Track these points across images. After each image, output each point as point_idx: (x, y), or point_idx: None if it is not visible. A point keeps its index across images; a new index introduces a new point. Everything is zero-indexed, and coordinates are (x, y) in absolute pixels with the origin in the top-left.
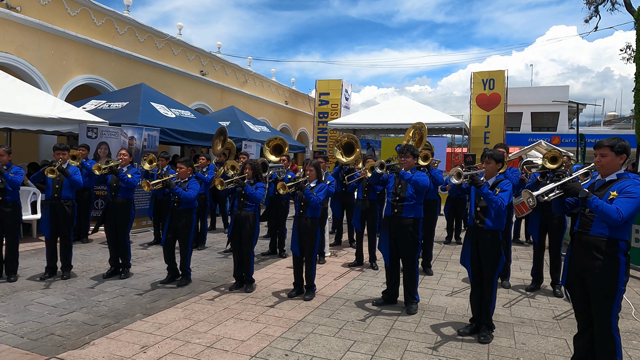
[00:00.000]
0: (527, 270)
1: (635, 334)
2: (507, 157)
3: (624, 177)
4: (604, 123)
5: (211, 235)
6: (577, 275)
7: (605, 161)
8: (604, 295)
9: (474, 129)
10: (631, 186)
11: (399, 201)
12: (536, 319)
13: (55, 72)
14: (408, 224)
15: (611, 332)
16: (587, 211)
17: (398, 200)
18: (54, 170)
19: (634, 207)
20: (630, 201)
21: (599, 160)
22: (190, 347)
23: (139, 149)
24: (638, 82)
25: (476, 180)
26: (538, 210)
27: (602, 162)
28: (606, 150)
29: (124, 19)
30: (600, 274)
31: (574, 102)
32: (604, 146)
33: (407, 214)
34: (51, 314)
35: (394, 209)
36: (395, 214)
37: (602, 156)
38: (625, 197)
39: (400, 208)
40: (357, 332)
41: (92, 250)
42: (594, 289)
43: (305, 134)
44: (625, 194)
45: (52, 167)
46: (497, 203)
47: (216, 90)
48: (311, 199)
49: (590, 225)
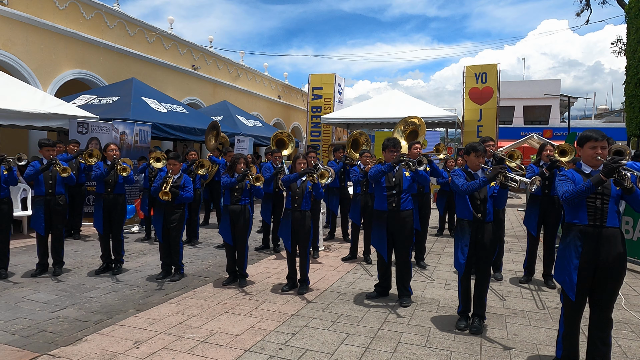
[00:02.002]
0: (519, 262)
1: (625, 323)
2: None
3: None
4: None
5: (204, 230)
6: (592, 271)
7: (605, 153)
8: (617, 284)
9: (466, 123)
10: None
11: (396, 195)
12: (528, 310)
13: (44, 67)
14: (406, 216)
15: (611, 316)
16: (599, 203)
17: (395, 194)
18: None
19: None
20: None
21: (601, 152)
22: (184, 342)
23: (130, 144)
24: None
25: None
26: (536, 202)
27: (603, 154)
28: (605, 143)
29: (114, 13)
30: (620, 264)
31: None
32: (605, 139)
33: (405, 207)
34: (43, 311)
35: (391, 203)
36: (393, 207)
37: (603, 149)
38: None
39: (398, 202)
40: (351, 325)
41: (84, 247)
42: (612, 280)
43: (299, 129)
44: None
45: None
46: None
47: (208, 85)
48: (320, 191)
49: (606, 218)
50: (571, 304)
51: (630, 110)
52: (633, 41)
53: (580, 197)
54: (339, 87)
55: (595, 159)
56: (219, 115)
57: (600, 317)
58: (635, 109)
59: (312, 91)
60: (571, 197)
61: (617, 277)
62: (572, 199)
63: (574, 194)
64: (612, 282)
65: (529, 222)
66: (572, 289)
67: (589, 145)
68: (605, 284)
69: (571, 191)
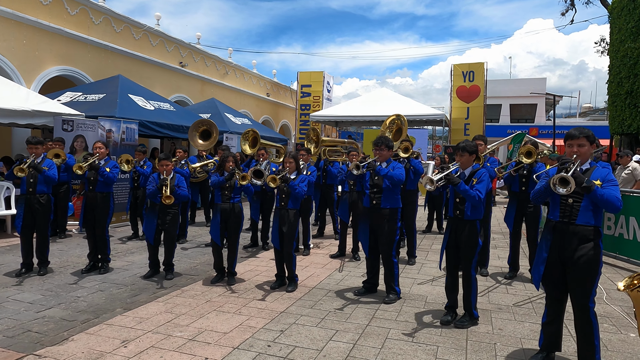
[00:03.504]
0: (504, 258)
1: (607, 317)
2: (484, 150)
3: (596, 166)
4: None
5: (192, 228)
6: (560, 265)
7: (583, 151)
8: (588, 281)
9: (454, 121)
10: (610, 174)
11: (376, 192)
12: (513, 305)
13: (27, 63)
14: (386, 214)
15: (590, 316)
16: (570, 201)
17: (376, 192)
18: (23, 169)
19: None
20: (617, 188)
21: (578, 151)
22: (172, 341)
23: (117, 141)
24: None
25: (452, 180)
26: (514, 199)
27: (580, 152)
28: (584, 141)
29: (99, 9)
30: (587, 261)
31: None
32: (582, 137)
33: (385, 205)
34: (28, 311)
35: (372, 201)
36: (374, 205)
37: (580, 146)
38: (613, 185)
39: (379, 199)
40: (339, 321)
41: (70, 246)
42: (579, 276)
43: (288, 127)
44: (610, 182)
45: (20, 167)
46: (474, 198)
47: (196, 82)
48: (296, 190)
49: (577, 215)
50: (550, 296)
51: (612, 109)
52: (616, 41)
53: (540, 195)
54: (327, 85)
55: (571, 156)
56: (207, 113)
57: (575, 313)
58: (618, 107)
59: (301, 89)
60: (534, 196)
61: (583, 273)
62: (536, 197)
63: (535, 192)
64: (579, 279)
65: (508, 219)
66: (537, 280)
67: (567, 143)
68: (573, 280)
69: (534, 190)
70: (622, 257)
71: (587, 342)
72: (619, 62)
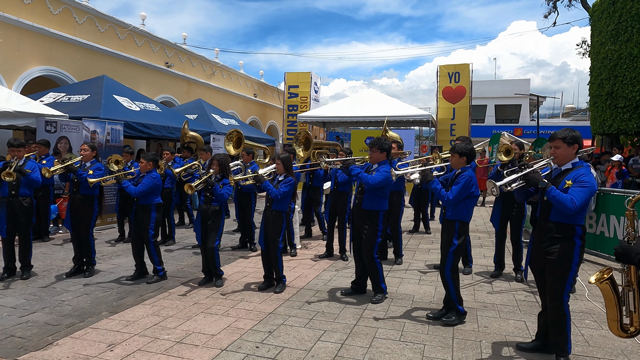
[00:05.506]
0: (490, 257)
1: (588, 313)
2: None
3: (578, 166)
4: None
5: (179, 230)
6: (539, 259)
7: (559, 152)
8: (559, 275)
9: (440, 121)
10: (584, 175)
11: (360, 193)
12: (498, 303)
13: (8, 63)
14: (365, 215)
15: (563, 309)
16: (545, 199)
17: (359, 192)
18: (10, 173)
19: (586, 196)
20: (584, 190)
21: (554, 152)
22: (159, 343)
23: (102, 143)
24: (592, 76)
25: (427, 176)
26: (499, 199)
27: (556, 153)
28: (559, 143)
29: (83, 8)
30: (557, 256)
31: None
32: (557, 139)
33: (365, 206)
34: (10, 316)
35: (356, 200)
36: (356, 204)
37: (555, 148)
38: (579, 187)
39: (361, 199)
40: (327, 322)
41: (54, 249)
42: (551, 270)
43: (275, 127)
44: (579, 184)
45: (7, 171)
46: (444, 198)
47: (182, 83)
48: (270, 192)
49: (550, 213)
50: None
51: (594, 110)
52: (596, 43)
53: (517, 194)
54: (315, 85)
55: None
56: (193, 114)
57: (549, 304)
58: (599, 108)
59: (288, 89)
60: (515, 195)
61: (555, 268)
62: (516, 196)
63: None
64: (552, 273)
65: (493, 219)
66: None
67: (546, 144)
68: (548, 274)
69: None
70: (603, 255)
71: (559, 333)
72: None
